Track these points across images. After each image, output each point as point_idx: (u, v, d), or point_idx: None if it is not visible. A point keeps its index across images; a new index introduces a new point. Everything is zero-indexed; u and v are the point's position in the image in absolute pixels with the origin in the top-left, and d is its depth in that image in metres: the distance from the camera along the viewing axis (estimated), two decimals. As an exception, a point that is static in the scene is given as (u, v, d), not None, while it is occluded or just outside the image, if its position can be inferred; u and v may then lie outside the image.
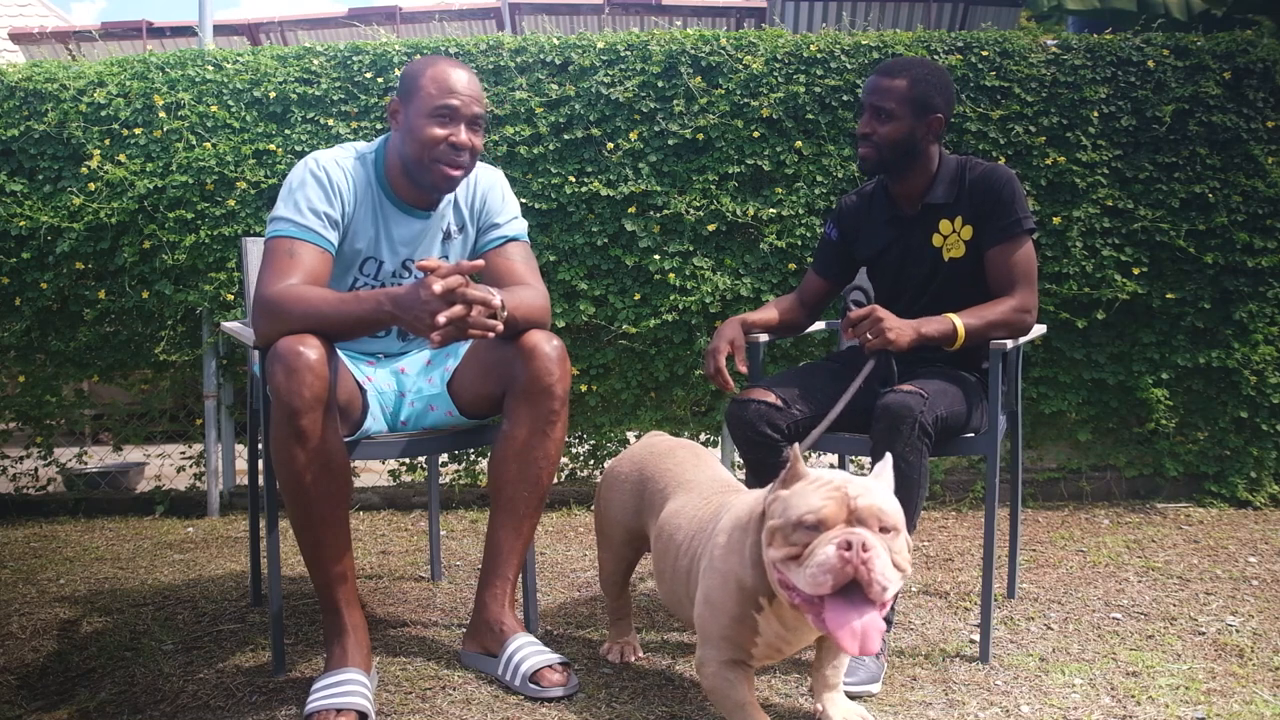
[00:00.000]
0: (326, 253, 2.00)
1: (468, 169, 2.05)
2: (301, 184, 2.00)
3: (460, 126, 2.01)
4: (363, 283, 2.12)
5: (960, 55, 3.49)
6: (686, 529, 1.81)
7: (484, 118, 2.07)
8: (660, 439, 2.13)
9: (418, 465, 3.75)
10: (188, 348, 3.59)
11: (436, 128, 2.00)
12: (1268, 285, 3.52)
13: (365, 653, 1.92)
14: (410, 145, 2.02)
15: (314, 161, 2.03)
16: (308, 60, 3.56)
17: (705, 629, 1.67)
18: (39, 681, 2.03)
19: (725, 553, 1.65)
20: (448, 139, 2.00)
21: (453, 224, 2.17)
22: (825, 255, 2.44)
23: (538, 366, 1.97)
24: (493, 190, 2.19)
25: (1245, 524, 3.27)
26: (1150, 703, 1.86)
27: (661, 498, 1.95)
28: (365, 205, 2.07)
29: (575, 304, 3.49)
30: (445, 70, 2.02)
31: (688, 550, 1.78)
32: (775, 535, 1.52)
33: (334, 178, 2.02)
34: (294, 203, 1.99)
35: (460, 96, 2.00)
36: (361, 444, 2.04)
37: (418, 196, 2.10)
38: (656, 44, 3.51)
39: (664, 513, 1.90)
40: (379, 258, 2.11)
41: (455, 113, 2.00)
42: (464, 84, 2.02)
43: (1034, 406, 3.54)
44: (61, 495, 3.75)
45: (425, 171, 2.02)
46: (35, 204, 3.55)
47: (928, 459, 2.00)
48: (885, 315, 2.05)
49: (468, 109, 2.01)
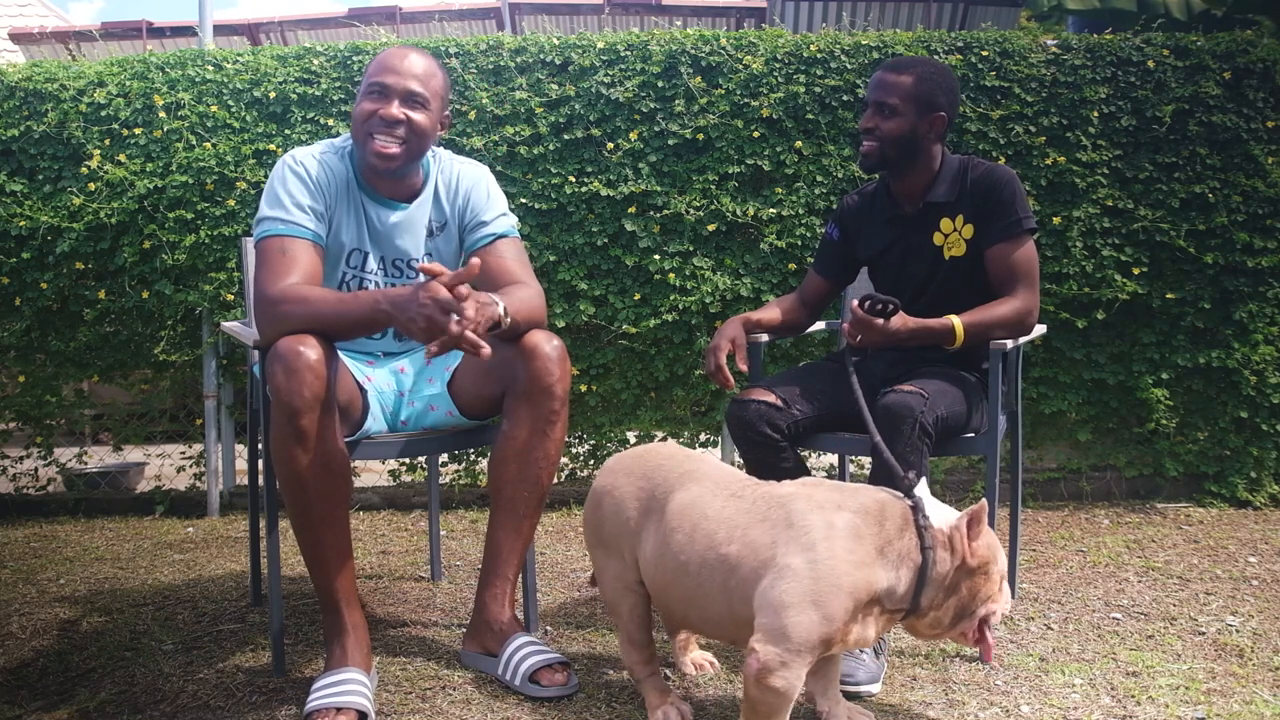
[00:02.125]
0: (318, 246, 2.01)
1: (410, 145, 2.03)
2: (283, 181, 2.01)
3: (393, 101, 2.01)
4: (350, 275, 2.12)
5: (960, 55, 3.49)
6: (720, 518, 1.66)
7: (426, 97, 2.04)
8: (642, 448, 1.93)
9: (418, 465, 3.75)
10: (188, 348, 3.59)
11: (368, 103, 2.02)
12: (1268, 285, 3.52)
13: (365, 653, 1.92)
14: (352, 127, 2.07)
15: (291, 158, 2.04)
16: (308, 60, 3.56)
17: (800, 632, 1.52)
18: (39, 681, 2.03)
19: (848, 554, 1.55)
20: (377, 112, 2.00)
21: (433, 220, 2.17)
22: (826, 255, 2.44)
23: (538, 366, 1.97)
24: (476, 187, 2.18)
25: (1245, 524, 3.27)
26: (1150, 703, 1.86)
27: (664, 494, 1.77)
28: (345, 198, 2.08)
29: (575, 304, 3.49)
30: (389, 53, 2.05)
31: (730, 540, 1.63)
32: (980, 579, 1.61)
33: (313, 172, 2.03)
34: (278, 200, 2.00)
35: (394, 74, 2.02)
36: (361, 444, 2.04)
37: (387, 186, 2.10)
38: (656, 44, 3.51)
39: (673, 504, 1.73)
40: (363, 249, 2.12)
41: (388, 89, 2.01)
42: (402, 63, 2.03)
43: (1034, 406, 3.54)
44: (61, 495, 3.75)
45: (363, 149, 2.03)
46: (35, 204, 3.55)
47: (928, 459, 2.00)
48: (893, 329, 2.05)
49: (401, 85, 2.01)
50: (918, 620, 1.61)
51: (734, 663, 2.06)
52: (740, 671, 1.81)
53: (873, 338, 2.06)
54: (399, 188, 2.11)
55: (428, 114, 2.05)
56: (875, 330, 2.04)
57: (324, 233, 2.04)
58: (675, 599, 1.72)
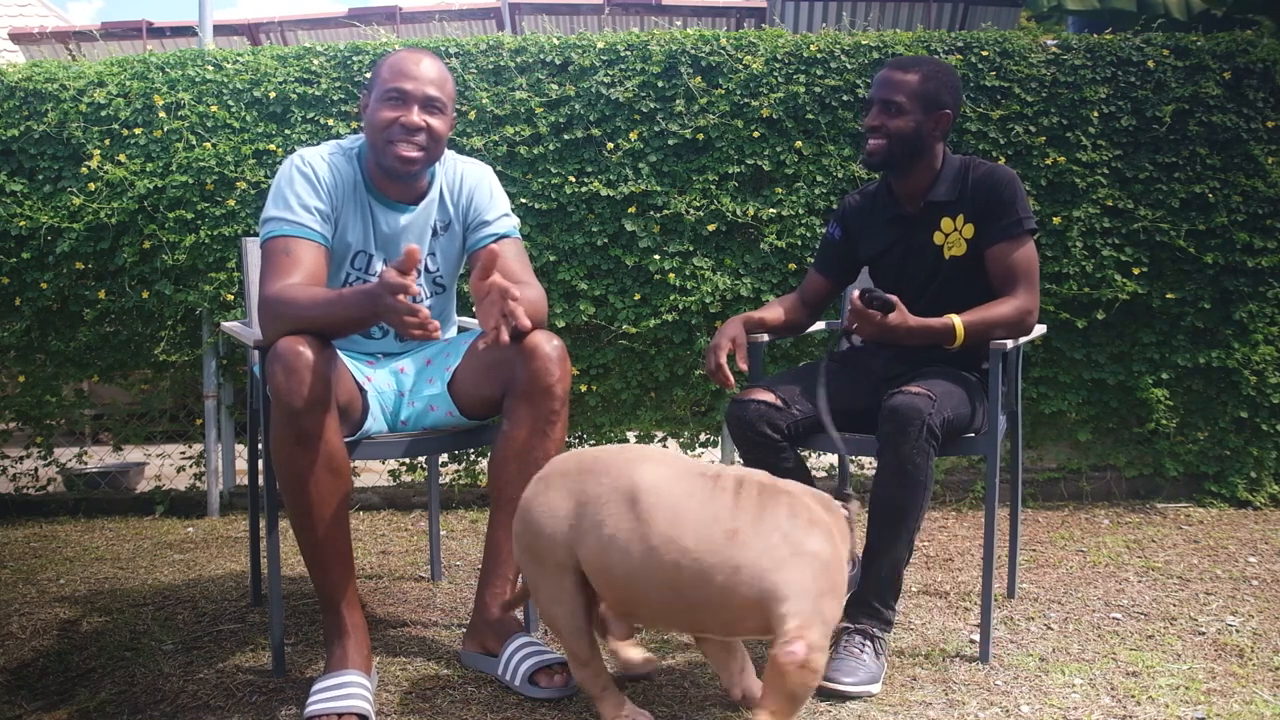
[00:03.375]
0: (323, 247, 2.01)
1: (430, 151, 2.05)
2: (290, 181, 2.01)
3: (413, 108, 2.01)
4: (355, 277, 2.12)
5: (960, 55, 3.49)
6: (693, 492, 1.63)
7: (443, 102, 2.05)
8: (566, 453, 1.83)
9: (418, 465, 3.75)
10: (188, 348, 3.59)
11: (387, 110, 2.01)
12: (1268, 285, 3.52)
13: (365, 653, 1.92)
14: (369, 132, 2.05)
15: (299, 159, 2.04)
16: (308, 60, 3.56)
17: (832, 615, 1.60)
18: (39, 681, 2.03)
19: (826, 541, 1.62)
20: (398, 120, 2.00)
21: (438, 221, 2.17)
22: (827, 255, 2.44)
23: (538, 366, 1.97)
24: (480, 187, 2.19)
25: (1245, 524, 3.27)
26: (1150, 703, 1.86)
27: (611, 484, 1.67)
28: (351, 200, 2.08)
29: (575, 304, 3.49)
30: (401, 57, 2.04)
31: (726, 529, 1.60)
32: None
33: (320, 173, 2.03)
34: (284, 200, 1.99)
35: (412, 80, 2.01)
36: (362, 444, 2.04)
37: (397, 189, 2.10)
38: (656, 44, 3.51)
39: (636, 487, 1.64)
40: (368, 251, 2.12)
41: (407, 95, 2.01)
42: (418, 68, 2.03)
43: (1034, 406, 3.54)
44: (61, 495, 3.75)
45: (383, 155, 2.03)
46: (35, 204, 3.55)
47: (933, 460, 2.00)
48: (892, 326, 2.04)
49: (420, 91, 2.01)
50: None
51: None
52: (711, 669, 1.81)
53: (869, 330, 2.06)
54: (407, 191, 2.11)
55: (445, 119, 2.06)
56: (874, 324, 2.04)
57: (329, 234, 2.04)
58: (644, 588, 1.63)
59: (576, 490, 1.69)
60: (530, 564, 1.75)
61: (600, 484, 1.67)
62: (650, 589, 1.62)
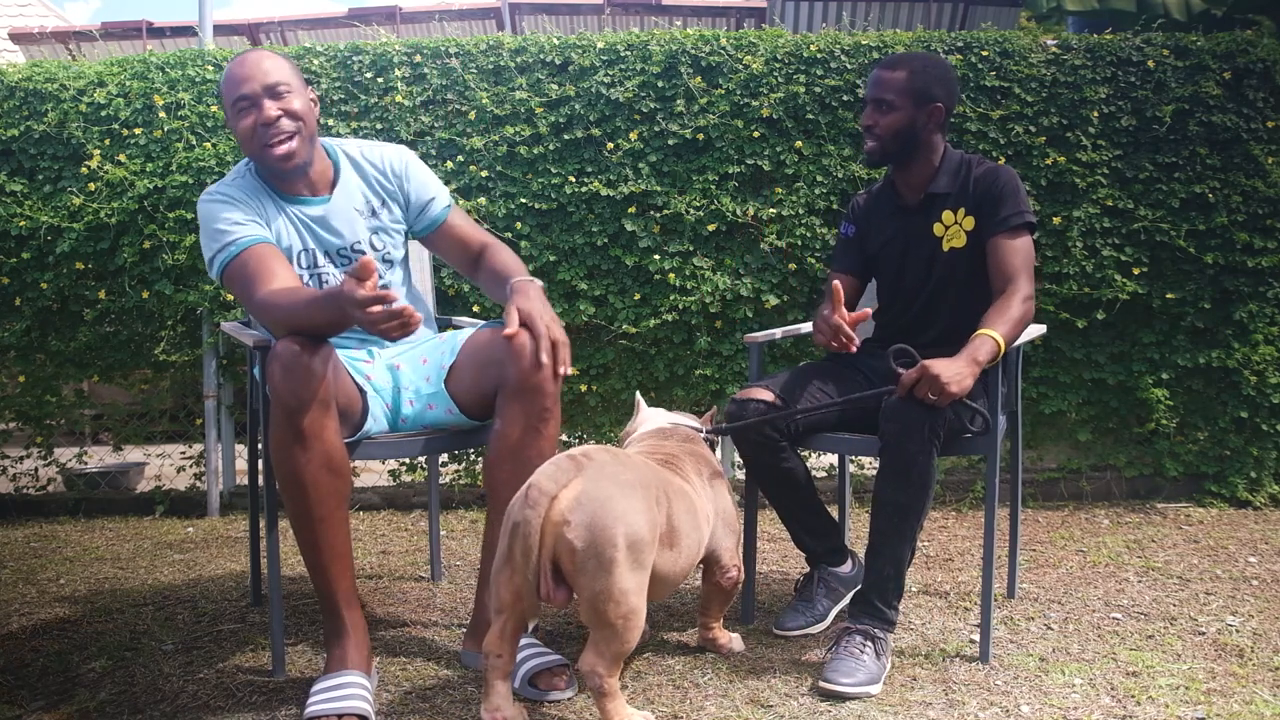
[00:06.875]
0: (272, 245, 2.05)
1: (300, 134, 2.06)
2: (212, 215, 2.06)
3: (262, 104, 2.03)
4: (308, 276, 2.15)
5: (960, 55, 3.49)
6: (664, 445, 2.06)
7: (286, 84, 2.06)
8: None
9: (418, 465, 3.75)
10: (188, 348, 3.59)
11: (243, 120, 2.05)
12: (1268, 285, 3.52)
13: (365, 653, 1.92)
14: (244, 149, 2.11)
15: (207, 195, 2.10)
16: (308, 60, 3.56)
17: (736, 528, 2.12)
18: (39, 681, 2.03)
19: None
20: (256, 122, 2.04)
21: (368, 203, 2.20)
22: (848, 253, 2.42)
23: (527, 364, 1.97)
24: (411, 165, 2.25)
25: (1245, 524, 3.27)
26: (1150, 703, 1.86)
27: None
28: (271, 207, 2.12)
29: (575, 304, 3.49)
30: (230, 69, 2.08)
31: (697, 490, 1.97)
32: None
33: (233, 195, 2.09)
34: (217, 230, 2.04)
35: (245, 81, 2.04)
36: (362, 444, 2.04)
37: (302, 184, 2.14)
38: (656, 44, 3.51)
39: (624, 434, 2.19)
40: (307, 247, 2.15)
41: (249, 97, 2.04)
42: (245, 69, 2.05)
43: (1034, 406, 3.54)
44: (61, 495, 3.75)
45: (263, 161, 2.07)
46: (35, 204, 3.55)
47: (936, 459, 2.00)
48: (938, 369, 1.93)
49: (256, 86, 2.04)
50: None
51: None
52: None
53: (946, 376, 1.93)
54: (312, 182, 2.14)
55: (295, 96, 2.08)
56: (928, 381, 1.94)
57: (271, 235, 2.09)
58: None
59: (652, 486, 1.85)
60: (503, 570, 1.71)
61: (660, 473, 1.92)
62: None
